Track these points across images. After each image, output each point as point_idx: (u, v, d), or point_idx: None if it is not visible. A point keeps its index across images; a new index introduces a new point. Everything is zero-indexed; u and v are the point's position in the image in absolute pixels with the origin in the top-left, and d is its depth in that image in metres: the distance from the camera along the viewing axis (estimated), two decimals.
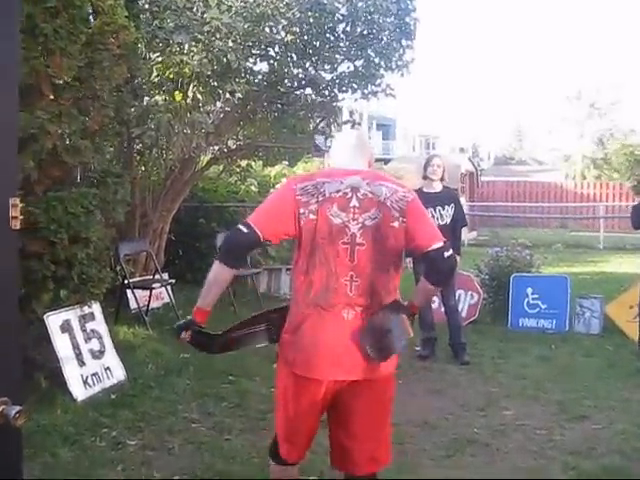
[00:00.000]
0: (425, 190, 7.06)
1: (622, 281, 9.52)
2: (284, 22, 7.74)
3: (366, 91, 8.87)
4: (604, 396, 5.81)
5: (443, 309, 7.32)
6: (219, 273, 2.90)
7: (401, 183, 3.05)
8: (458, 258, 7.09)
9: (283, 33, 7.99)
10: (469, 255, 7.44)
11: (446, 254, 2.90)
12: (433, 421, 5.21)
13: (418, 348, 7.12)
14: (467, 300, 8.62)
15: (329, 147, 4.11)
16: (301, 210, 2.84)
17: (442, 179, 7.09)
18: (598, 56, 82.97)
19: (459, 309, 7.77)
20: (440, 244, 2.90)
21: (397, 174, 18.02)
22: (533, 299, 8.31)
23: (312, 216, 2.84)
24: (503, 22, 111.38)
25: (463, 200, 15.03)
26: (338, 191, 2.87)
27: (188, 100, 7.31)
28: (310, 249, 2.85)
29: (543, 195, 25.64)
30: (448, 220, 6.98)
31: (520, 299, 8.36)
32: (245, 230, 2.85)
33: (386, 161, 24.26)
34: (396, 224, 2.88)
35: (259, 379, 5.92)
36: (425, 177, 7.10)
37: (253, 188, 11.58)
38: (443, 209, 6.98)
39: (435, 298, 7.56)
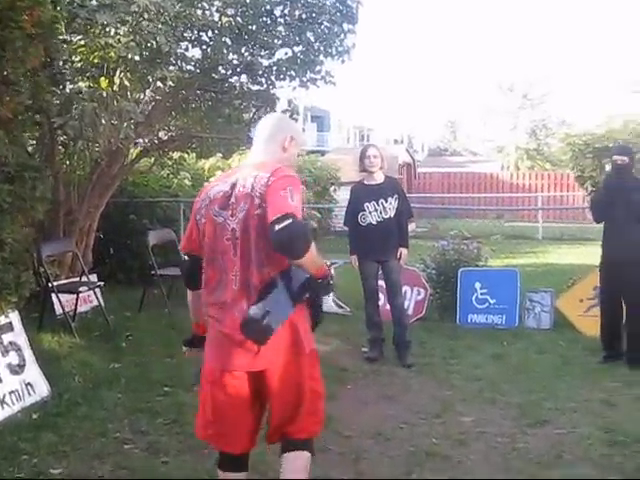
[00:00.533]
0: (366, 183, 6.73)
1: (568, 273, 9.31)
2: (218, 3, 7.25)
3: (305, 79, 8.41)
4: (564, 397, 5.54)
5: (388, 307, 6.94)
6: (190, 295, 3.25)
7: (278, 169, 2.95)
8: (405, 251, 6.85)
9: (217, 15, 7.47)
10: (411, 248, 7.18)
11: (277, 227, 2.73)
12: (387, 431, 4.84)
13: (365, 349, 6.76)
14: (414, 296, 8.31)
15: None
16: (197, 217, 3.08)
17: (381, 168, 6.70)
18: (529, 48, 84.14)
19: (405, 306, 7.42)
20: (275, 217, 2.74)
21: (335, 166, 17.80)
22: (482, 294, 8.03)
23: (203, 220, 3.04)
24: (435, 13, 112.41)
25: None
26: (220, 192, 3.01)
27: (115, 87, 6.76)
28: (206, 250, 3.03)
29: (479, 186, 25.79)
30: (392, 213, 6.64)
31: (468, 294, 8.06)
32: (186, 258, 3.20)
33: (323, 153, 23.89)
34: (259, 211, 2.88)
35: (197, 390, 5.42)
36: (363, 170, 6.70)
37: (186, 182, 11.16)
38: (386, 201, 6.61)
39: (381, 295, 7.19)
